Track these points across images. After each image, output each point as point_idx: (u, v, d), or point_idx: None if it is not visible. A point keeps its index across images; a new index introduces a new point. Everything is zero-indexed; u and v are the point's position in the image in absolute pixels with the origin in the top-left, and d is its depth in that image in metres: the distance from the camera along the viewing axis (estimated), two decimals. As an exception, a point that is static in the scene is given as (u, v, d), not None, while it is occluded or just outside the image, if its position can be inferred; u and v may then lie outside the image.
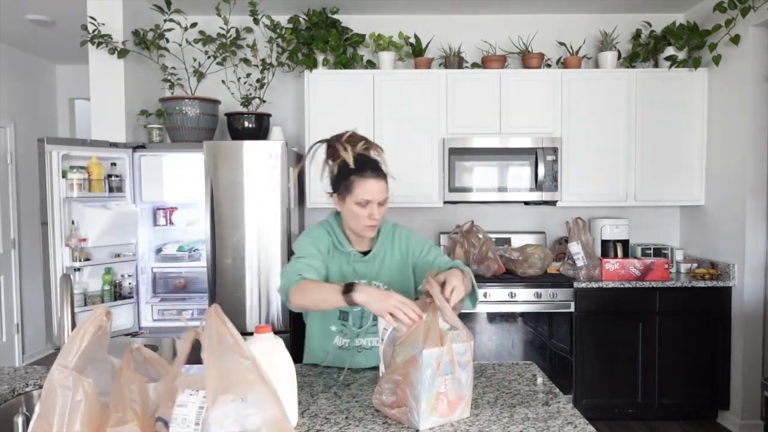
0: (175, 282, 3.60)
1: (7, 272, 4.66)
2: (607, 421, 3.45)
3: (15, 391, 1.61)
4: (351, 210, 1.68)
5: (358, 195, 1.65)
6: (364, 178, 1.65)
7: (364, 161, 1.68)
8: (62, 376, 1.01)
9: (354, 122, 3.62)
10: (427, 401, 1.27)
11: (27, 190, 4.84)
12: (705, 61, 3.60)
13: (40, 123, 5.08)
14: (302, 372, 1.70)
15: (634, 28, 3.90)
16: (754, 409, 3.32)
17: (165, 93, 3.81)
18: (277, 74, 3.85)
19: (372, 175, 1.65)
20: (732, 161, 3.43)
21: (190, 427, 1.03)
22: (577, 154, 3.66)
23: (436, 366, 1.27)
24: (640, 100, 3.66)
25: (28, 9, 3.80)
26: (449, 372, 1.30)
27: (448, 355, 1.29)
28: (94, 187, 3.08)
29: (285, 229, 3.15)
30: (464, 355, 1.32)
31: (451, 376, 1.30)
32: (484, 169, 3.61)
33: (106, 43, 3.29)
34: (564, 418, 1.36)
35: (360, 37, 3.75)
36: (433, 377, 1.27)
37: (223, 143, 3.16)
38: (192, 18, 3.65)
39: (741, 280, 3.35)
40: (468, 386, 1.34)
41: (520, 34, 3.92)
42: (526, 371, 1.72)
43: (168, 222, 3.50)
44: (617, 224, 3.73)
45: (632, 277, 3.45)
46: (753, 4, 3.16)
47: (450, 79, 3.65)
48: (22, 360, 4.81)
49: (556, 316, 3.41)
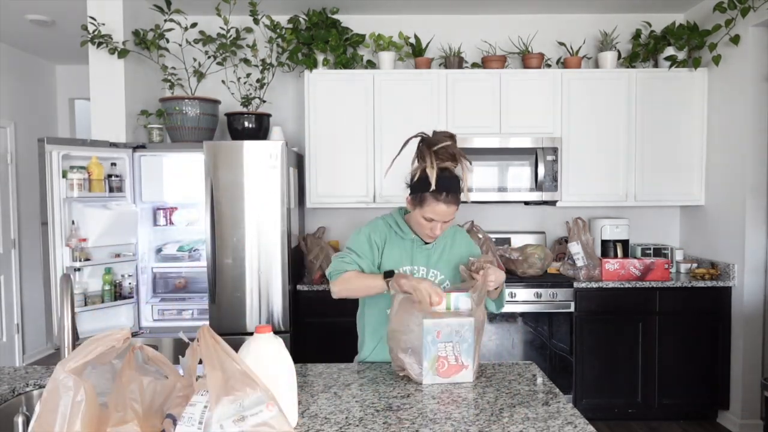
0: (175, 282, 3.60)
1: (7, 272, 4.66)
2: (607, 421, 3.45)
3: (15, 391, 1.61)
4: (417, 218, 1.76)
5: (426, 212, 1.71)
6: (437, 201, 1.68)
7: (444, 182, 1.67)
8: (64, 377, 1.02)
9: (354, 122, 3.66)
10: (429, 362, 1.58)
11: (27, 190, 4.84)
12: (705, 61, 3.60)
13: (40, 123, 5.08)
14: (302, 372, 1.70)
15: (634, 28, 3.90)
16: (754, 409, 3.32)
17: (165, 93, 3.81)
18: (277, 74, 3.85)
19: (444, 200, 1.68)
20: (732, 161, 3.44)
21: (194, 425, 1.04)
22: (577, 154, 3.66)
23: (436, 334, 1.58)
24: (640, 100, 3.66)
25: (28, 9, 3.80)
26: (449, 341, 1.58)
27: (448, 327, 1.58)
28: (94, 187, 3.08)
29: (285, 229, 3.15)
30: (464, 329, 1.59)
31: (452, 345, 1.59)
32: (484, 169, 3.61)
33: (106, 43, 3.29)
34: (564, 418, 1.36)
35: (360, 37, 3.76)
36: (434, 342, 1.58)
37: (223, 143, 3.16)
38: (192, 18, 3.65)
39: (741, 280, 3.35)
40: (468, 356, 1.60)
41: (520, 34, 3.92)
42: (526, 371, 1.72)
43: (168, 222, 3.50)
44: (617, 224, 3.73)
45: (632, 277, 3.45)
46: (753, 4, 3.16)
47: (450, 79, 3.65)
48: (22, 360, 4.81)
49: (556, 316, 3.41)
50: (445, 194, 1.67)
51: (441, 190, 1.66)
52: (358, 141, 3.66)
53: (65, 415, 1.01)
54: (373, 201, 3.67)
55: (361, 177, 3.66)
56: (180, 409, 1.09)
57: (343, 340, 2.25)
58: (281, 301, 3.16)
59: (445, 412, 1.39)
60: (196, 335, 1.12)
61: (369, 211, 3.94)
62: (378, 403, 1.46)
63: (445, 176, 1.67)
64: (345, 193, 3.67)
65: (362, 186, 3.67)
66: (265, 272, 3.16)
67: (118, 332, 1.08)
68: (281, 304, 3.16)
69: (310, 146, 3.66)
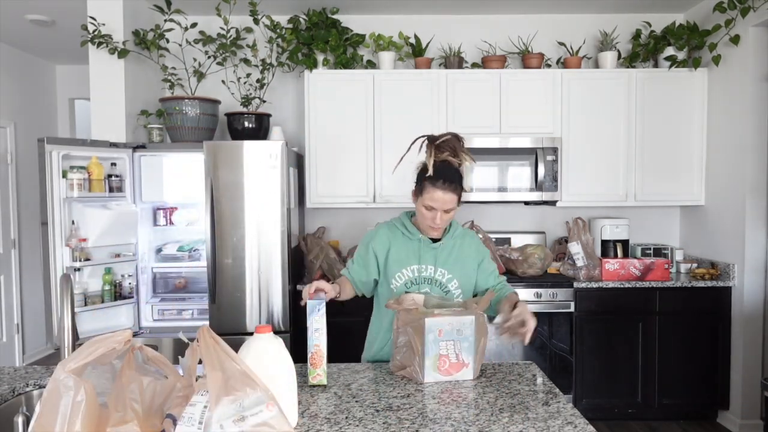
0: (175, 282, 3.60)
1: (7, 272, 4.66)
2: (607, 421, 3.45)
3: (15, 391, 1.61)
4: (419, 209, 1.83)
5: (426, 200, 1.78)
6: (434, 187, 1.76)
7: (442, 170, 1.77)
8: (64, 377, 1.02)
9: (354, 122, 3.65)
10: (431, 360, 1.58)
11: (27, 190, 4.84)
12: (705, 61, 3.60)
13: (40, 123, 5.08)
14: (302, 372, 1.70)
15: (634, 28, 3.90)
16: (754, 409, 3.32)
17: (165, 93, 3.81)
18: (277, 74, 3.85)
19: (441, 186, 1.75)
20: (732, 161, 3.44)
21: (194, 425, 1.05)
22: (577, 154, 3.66)
23: (437, 332, 1.58)
24: (640, 100, 3.66)
25: (28, 9, 3.80)
26: (451, 339, 1.59)
27: (449, 326, 1.59)
28: (94, 187, 3.08)
29: (285, 229, 3.15)
30: (465, 328, 1.60)
31: (453, 343, 1.59)
32: (484, 169, 3.61)
33: (107, 43, 3.29)
34: (564, 418, 1.36)
35: (360, 37, 3.75)
36: (435, 341, 1.58)
37: (223, 143, 3.16)
38: (192, 18, 3.65)
39: (741, 280, 3.35)
40: (470, 354, 1.61)
41: (520, 34, 3.92)
42: (526, 371, 1.72)
43: (168, 222, 3.49)
44: (617, 224, 3.73)
45: (632, 277, 3.45)
46: (753, 4, 3.16)
47: (450, 79, 3.65)
48: (22, 360, 4.81)
49: (556, 316, 3.41)
50: (441, 181, 1.75)
51: (438, 177, 1.75)
52: (358, 141, 3.66)
53: (65, 415, 1.01)
54: (373, 201, 3.67)
55: (361, 177, 3.66)
56: (180, 409, 1.09)
57: (344, 340, 2.24)
58: (281, 301, 3.16)
59: (445, 412, 1.39)
60: (196, 335, 1.13)
61: (369, 211, 3.95)
62: (378, 403, 1.46)
63: (444, 165, 1.78)
64: (345, 193, 3.67)
65: (362, 186, 3.67)
66: (265, 272, 3.16)
67: (119, 334, 1.08)
68: (281, 304, 3.16)
69: (310, 146, 3.66)
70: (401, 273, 1.86)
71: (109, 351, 1.06)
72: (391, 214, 4.08)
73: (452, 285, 1.86)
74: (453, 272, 1.86)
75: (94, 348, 1.05)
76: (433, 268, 1.86)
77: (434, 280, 1.86)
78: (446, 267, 1.86)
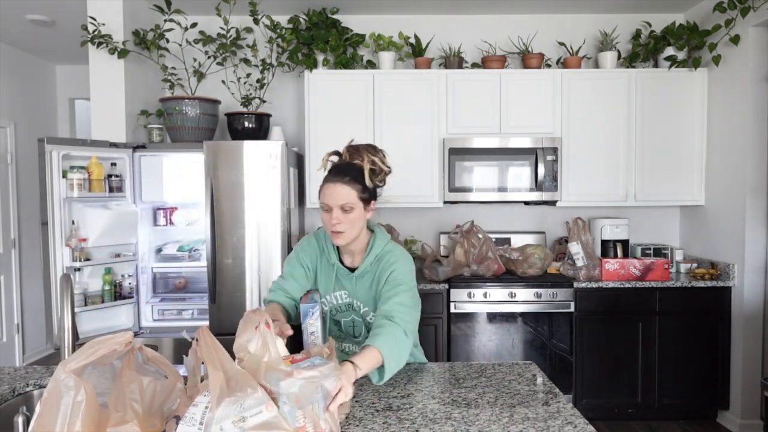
0: (175, 282, 3.60)
1: (7, 272, 4.66)
2: (607, 421, 3.45)
3: (15, 391, 1.61)
4: (321, 217, 1.66)
5: (321, 199, 1.65)
6: (326, 182, 1.64)
7: (335, 167, 1.67)
8: (65, 377, 1.02)
9: (354, 122, 3.65)
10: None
11: (27, 190, 4.84)
12: (705, 61, 3.60)
13: (40, 123, 5.08)
14: (302, 372, 1.70)
15: (634, 28, 3.90)
16: (754, 409, 3.32)
17: (165, 93, 3.81)
18: (277, 74, 3.85)
19: (331, 179, 1.63)
20: (732, 161, 3.44)
21: (195, 425, 1.05)
22: (577, 154, 3.66)
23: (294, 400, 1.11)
24: (639, 100, 3.66)
25: (28, 9, 3.80)
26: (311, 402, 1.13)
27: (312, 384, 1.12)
28: (94, 187, 3.08)
29: (285, 229, 3.15)
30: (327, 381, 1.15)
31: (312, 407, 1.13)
32: (484, 169, 3.61)
33: (107, 43, 3.29)
34: (564, 418, 1.36)
35: (360, 37, 3.75)
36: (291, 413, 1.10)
37: (223, 143, 3.16)
38: (192, 18, 3.65)
39: (741, 280, 3.35)
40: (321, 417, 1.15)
41: (520, 34, 3.92)
42: (526, 371, 1.72)
43: (168, 222, 3.50)
44: (617, 224, 3.73)
45: (632, 277, 3.45)
46: (753, 4, 3.16)
47: (450, 79, 3.65)
48: (22, 360, 4.81)
49: (556, 316, 3.41)
50: (333, 173, 1.64)
51: (330, 172, 1.65)
52: (358, 141, 3.65)
53: (66, 415, 1.01)
54: (373, 201, 3.66)
55: (361, 177, 3.66)
56: (185, 409, 1.10)
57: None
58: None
59: (445, 412, 1.40)
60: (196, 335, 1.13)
61: (369, 211, 3.94)
62: (378, 403, 1.46)
63: (338, 164, 1.68)
64: (345, 193, 3.67)
65: (362, 186, 3.66)
66: (265, 272, 3.16)
67: (120, 336, 1.08)
68: (281, 304, 3.16)
69: (310, 146, 3.66)
70: (326, 299, 1.77)
71: (109, 352, 1.07)
72: (391, 213, 4.10)
73: (369, 317, 1.75)
74: (368, 305, 1.74)
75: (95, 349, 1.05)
76: (349, 298, 1.75)
77: (354, 308, 1.77)
78: (361, 300, 1.74)
